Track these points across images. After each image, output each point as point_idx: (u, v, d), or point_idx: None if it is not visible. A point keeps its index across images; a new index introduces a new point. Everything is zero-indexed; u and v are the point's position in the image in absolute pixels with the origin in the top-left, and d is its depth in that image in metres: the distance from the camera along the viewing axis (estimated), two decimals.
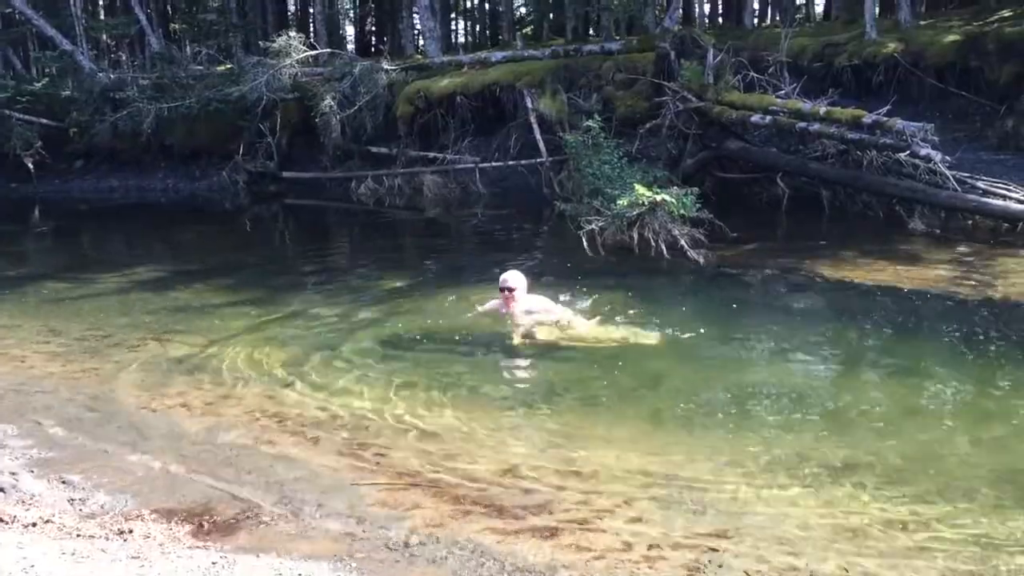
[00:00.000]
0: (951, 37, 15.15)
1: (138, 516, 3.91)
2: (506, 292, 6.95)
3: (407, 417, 5.15)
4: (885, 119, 10.92)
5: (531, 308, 6.97)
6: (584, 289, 7.97)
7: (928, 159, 10.68)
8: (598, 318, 6.92)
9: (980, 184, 10.81)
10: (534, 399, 5.47)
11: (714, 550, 3.55)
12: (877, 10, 16.91)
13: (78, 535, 3.69)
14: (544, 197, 14.62)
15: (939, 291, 7.87)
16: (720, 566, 3.44)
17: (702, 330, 6.93)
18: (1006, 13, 16.67)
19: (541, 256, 10.62)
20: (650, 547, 3.60)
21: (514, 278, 6.99)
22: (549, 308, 7.02)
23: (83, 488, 4.27)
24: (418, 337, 6.83)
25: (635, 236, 9.69)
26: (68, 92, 20.70)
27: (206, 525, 3.84)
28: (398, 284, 8.99)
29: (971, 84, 14.61)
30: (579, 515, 3.89)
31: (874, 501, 3.95)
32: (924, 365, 5.98)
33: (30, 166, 19.83)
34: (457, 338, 6.76)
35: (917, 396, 5.38)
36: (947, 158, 10.78)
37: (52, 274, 10.45)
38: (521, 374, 6.08)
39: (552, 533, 3.74)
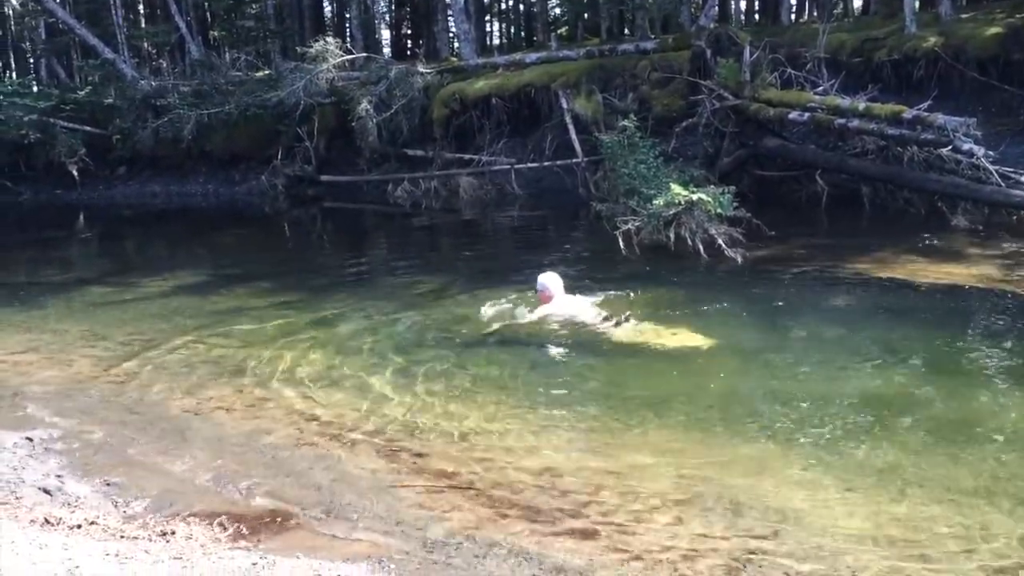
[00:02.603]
0: (993, 29, 14.86)
1: (180, 517, 3.97)
2: (541, 292, 7.11)
3: (444, 419, 5.17)
4: (926, 114, 10.74)
5: (565, 308, 7.04)
6: (627, 293, 7.95)
7: (971, 154, 10.48)
8: (626, 325, 6.83)
9: None
10: (570, 401, 5.46)
11: (753, 552, 3.53)
12: (917, 3, 16.66)
13: (122, 536, 3.75)
14: (580, 197, 14.59)
15: (984, 289, 7.72)
16: (760, 567, 3.42)
17: (741, 330, 6.87)
18: None
19: (577, 256, 10.59)
20: (689, 548, 3.58)
21: (549, 279, 7.17)
22: (583, 310, 7.08)
23: (127, 490, 4.35)
24: (455, 339, 6.86)
25: (672, 236, 9.62)
26: (111, 100, 21.05)
27: (247, 526, 3.89)
28: (435, 286, 9.03)
29: (1015, 77, 14.30)
30: (617, 517, 3.88)
31: (918, 504, 3.89)
32: (971, 367, 5.87)
33: (75, 173, 20.20)
34: (494, 340, 6.78)
35: (964, 399, 5.25)
36: (990, 153, 10.57)
37: (96, 279, 10.63)
38: (557, 376, 6.07)
39: (590, 535, 3.73)
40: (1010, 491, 3.97)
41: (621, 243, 9.72)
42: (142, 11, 29.17)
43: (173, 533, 3.78)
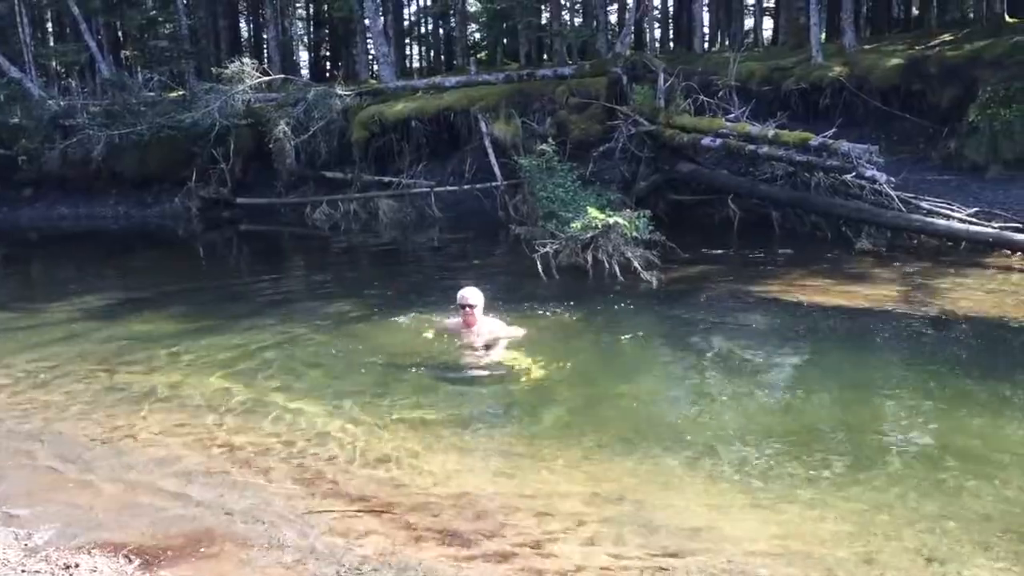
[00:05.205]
0: (894, 61, 15.54)
1: (85, 550, 3.85)
2: (466, 308, 6.98)
3: (360, 443, 5.12)
4: (831, 141, 11.16)
5: (489, 327, 7.04)
6: (543, 311, 8.02)
7: (873, 180, 10.93)
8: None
9: (924, 204, 11.08)
10: (486, 425, 5.47)
11: (665, 570, 3.59)
12: (823, 35, 17.30)
13: (23, 571, 3.62)
14: (499, 220, 14.69)
15: (885, 309, 8.03)
16: None
17: (653, 351, 7.01)
18: (947, 37, 17.16)
19: (496, 279, 10.63)
20: (602, 568, 3.62)
21: (473, 294, 7.04)
22: (502, 329, 7.12)
23: (29, 522, 4.19)
24: (372, 362, 6.81)
25: (589, 259, 9.77)
26: (17, 119, 20.34)
27: (154, 557, 3.79)
28: (353, 309, 8.96)
29: (914, 106, 15.01)
30: (532, 538, 3.90)
31: (824, 521, 4.00)
32: (874, 385, 6.09)
33: None
34: (410, 363, 6.76)
35: (868, 417, 5.46)
36: (892, 179, 11.04)
37: None
38: (473, 399, 6.09)
39: (505, 557, 3.74)
40: (912, 508, 4.11)
41: (540, 266, 9.81)
42: (51, 29, 28.42)
43: (77, 566, 3.66)
